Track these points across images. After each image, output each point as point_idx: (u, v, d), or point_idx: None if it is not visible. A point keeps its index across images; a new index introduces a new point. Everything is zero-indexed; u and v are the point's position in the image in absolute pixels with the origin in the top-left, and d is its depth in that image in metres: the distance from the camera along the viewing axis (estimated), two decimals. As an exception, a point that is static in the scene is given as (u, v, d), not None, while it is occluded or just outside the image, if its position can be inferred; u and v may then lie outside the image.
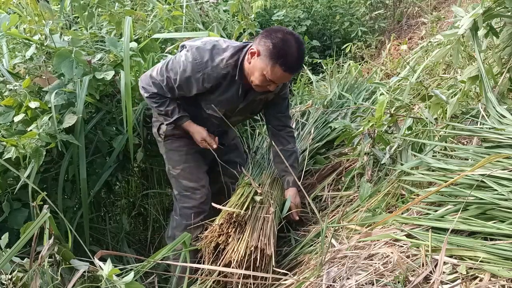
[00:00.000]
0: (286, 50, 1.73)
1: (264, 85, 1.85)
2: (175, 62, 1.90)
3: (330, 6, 5.16)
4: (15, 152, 1.82)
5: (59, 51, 2.02)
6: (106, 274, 1.14)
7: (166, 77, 1.91)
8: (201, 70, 1.84)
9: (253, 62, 1.82)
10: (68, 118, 1.97)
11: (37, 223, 1.17)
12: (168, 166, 2.12)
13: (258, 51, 1.78)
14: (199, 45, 1.88)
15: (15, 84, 1.93)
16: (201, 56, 1.84)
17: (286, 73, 1.78)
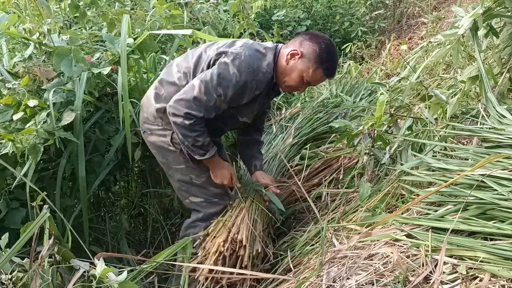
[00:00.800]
0: (331, 56, 1.83)
1: (298, 86, 1.87)
2: (223, 76, 1.75)
3: (330, 6, 5.17)
4: (12, 147, 1.80)
5: (58, 50, 2.02)
6: (99, 273, 1.14)
7: (216, 96, 1.76)
8: (254, 78, 1.77)
9: (292, 63, 1.82)
10: (66, 116, 1.96)
11: (36, 223, 1.17)
12: (190, 176, 1.95)
13: (301, 53, 1.81)
14: (244, 51, 1.78)
15: (14, 83, 1.93)
16: (252, 63, 1.76)
17: (325, 77, 1.88)
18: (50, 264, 1.22)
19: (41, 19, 2.35)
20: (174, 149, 1.93)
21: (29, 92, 1.94)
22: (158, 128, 1.94)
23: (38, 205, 1.27)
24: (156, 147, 1.98)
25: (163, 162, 2.00)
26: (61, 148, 1.95)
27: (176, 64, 1.94)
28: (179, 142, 1.88)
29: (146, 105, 1.98)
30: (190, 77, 1.87)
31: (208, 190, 1.98)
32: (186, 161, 1.93)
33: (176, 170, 1.97)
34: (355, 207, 1.88)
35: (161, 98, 1.90)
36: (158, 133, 1.94)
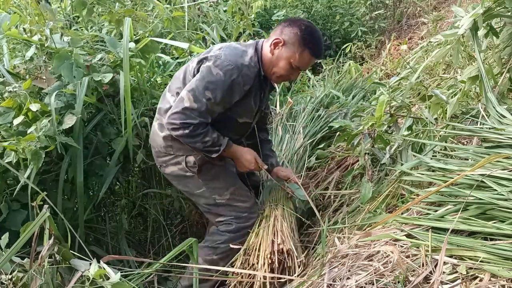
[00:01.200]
0: (313, 35, 1.82)
1: (288, 74, 1.87)
2: (207, 79, 1.76)
3: (330, 6, 5.17)
4: (15, 157, 1.81)
5: (58, 53, 2.02)
6: (92, 274, 1.14)
7: (206, 100, 1.76)
8: (239, 73, 1.77)
9: (277, 52, 1.83)
10: (67, 119, 1.96)
11: (36, 223, 1.17)
12: (214, 197, 1.93)
13: (284, 40, 1.81)
14: (223, 52, 1.79)
15: (15, 86, 1.93)
16: (233, 60, 1.77)
17: (313, 58, 1.86)
18: (50, 264, 1.22)
19: (41, 19, 2.35)
20: (191, 174, 1.92)
21: (30, 95, 1.94)
22: (171, 157, 1.93)
23: (38, 205, 1.28)
24: (175, 177, 1.97)
25: (186, 191, 1.99)
26: (63, 153, 1.96)
27: (168, 90, 1.96)
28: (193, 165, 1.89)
29: (153, 139, 1.99)
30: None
31: (235, 207, 1.94)
32: (206, 183, 1.92)
33: (199, 195, 1.95)
34: (356, 207, 1.89)
35: (164, 127, 1.90)
36: (173, 162, 1.94)
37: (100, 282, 1.14)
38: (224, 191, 1.93)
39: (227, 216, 1.94)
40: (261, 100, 2.00)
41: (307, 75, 3.82)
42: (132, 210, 2.75)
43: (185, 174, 1.93)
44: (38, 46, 2.10)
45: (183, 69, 1.95)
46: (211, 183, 1.93)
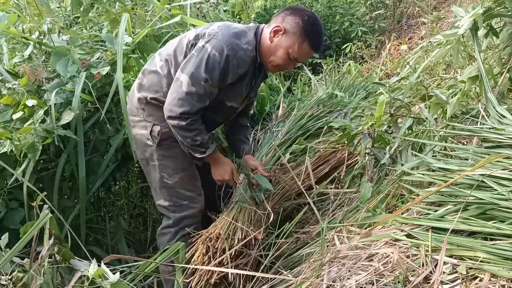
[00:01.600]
0: (315, 27, 1.78)
1: (285, 64, 1.83)
2: (204, 60, 1.70)
3: (330, 6, 5.16)
4: (10, 146, 1.80)
5: (56, 50, 2.02)
6: (91, 274, 1.14)
7: (204, 82, 1.71)
8: (235, 55, 1.72)
9: (276, 40, 1.78)
10: (65, 115, 1.96)
11: (38, 224, 1.17)
12: (162, 174, 1.90)
13: (284, 29, 1.77)
14: (221, 31, 1.74)
15: (13, 83, 1.93)
16: (229, 41, 1.72)
17: (312, 51, 1.83)
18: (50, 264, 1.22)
19: (40, 18, 2.35)
20: (151, 144, 1.89)
21: (28, 92, 1.94)
22: (140, 119, 1.91)
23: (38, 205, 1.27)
24: (137, 141, 1.95)
25: (141, 158, 1.96)
26: (60, 146, 1.95)
27: (159, 53, 1.92)
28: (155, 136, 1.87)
29: (130, 97, 1.97)
30: (171, 64, 1.83)
31: (178, 193, 1.92)
32: (161, 159, 1.90)
33: (151, 167, 1.92)
34: (356, 207, 1.89)
35: (143, 88, 1.88)
36: (140, 125, 1.91)
37: (99, 282, 1.14)
38: (175, 173, 1.90)
39: (167, 201, 1.92)
40: (252, 87, 1.96)
41: (307, 75, 3.82)
42: (132, 210, 2.75)
43: (146, 142, 1.90)
44: (37, 45, 2.10)
45: (178, 39, 1.90)
46: (166, 160, 1.90)
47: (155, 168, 1.91)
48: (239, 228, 1.77)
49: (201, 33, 1.79)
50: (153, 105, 1.86)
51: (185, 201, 1.93)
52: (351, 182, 2.14)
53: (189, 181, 1.95)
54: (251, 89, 1.96)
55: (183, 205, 1.93)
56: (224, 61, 1.71)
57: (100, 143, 2.25)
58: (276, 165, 2.30)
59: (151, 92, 1.86)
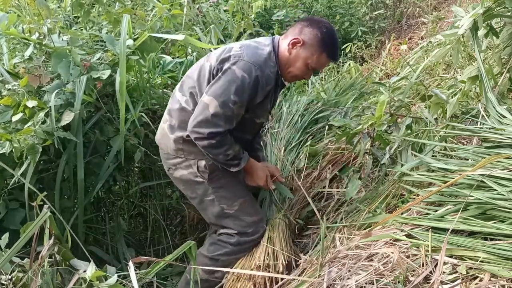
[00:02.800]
0: (333, 39, 1.82)
1: (303, 74, 1.85)
2: (233, 83, 1.69)
3: (330, 6, 5.16)
4: (9, 147, 1.79)
5: (57, 52, 2.02)
6: (89, 276, 1.14)
7: (232, 105, 1.70)
8: (263, 74, 1.73)
9: (295, 52, 1.80)
10: (65, 116, 1.95)
11: (37, 223, 1.17)
12: (222, 206, 1.86)
13: (303, 41, 1.78)
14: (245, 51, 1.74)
15: (13, 84, 1.93)
16: (256, 61, 1.73)
17: (329, 61, 1.87)
18: (50, 264, 1.22)
19: (41, 19, 2.35)
20: (202, 180, 1.85)
21: (29, 93, 1.94)
22: (182, 160, 1.86)
23: (38, 205, 1.28)
24: (184, 182, 1.90)
25: (194, 197, 1.92)
26: (60, 148, 1.95)
27: (178, 89, 1.90)
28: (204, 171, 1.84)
29: (162, 141, 1.93)
30: (197, 96, 1.81)
31: (241, 220, 1.87)
32: (215, 191, 1.86)
33: (208, 203, 1.88)
34: (356, 207, 1.89)
35: (175, 128, 1.85)
36: (183, 166, 1.87)
37: (97, 284, 1.14)
38: (233, 202, 1.87)
39: (232, 229, 1.87)
40: (274, 99, 1.97)
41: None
42: (132, 210, 2.75)
43: (195, 180, 1.86)
44: (37, 45, 2.10)
45: (197, 67, 1.87)
46: (221, 191, 1.87)
47: (212, 202, 1.87)
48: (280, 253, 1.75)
49: (225, 57, 1.77)
50: (191, 142, 1.81)
51: (250, 229, 1.86)
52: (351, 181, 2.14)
53: (249, 206, 1.91)
54: (274, 101, 1.98)
55: (249, 232, 1.87)
56: (254, 81, 1.71)
57: (100, 144, 2.25)
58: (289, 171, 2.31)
59: (184, 129, 1.81)
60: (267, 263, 1.73)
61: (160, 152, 1.98)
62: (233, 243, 1.86)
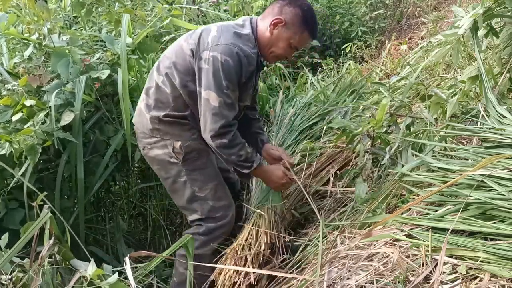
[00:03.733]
0: (314, 17, 1.82)
1: (285, 53, 1.84)
2: (219, 69, 1.69)
3: (330, 6, 5.16)
4: (9, 148, 1.80)
5: (57, 50, 2.02)
6: (90, 274, 1.14)
7: (226, 90, 1.70)
8: (244, 55, 1.71)
9: (276, 32, 1.78)
10: (65, 116, 1.96)
11: (37, 223, 1.17)
12: (193, 188, 1.87)
13: (285, 20, 1.77)
14: (223, 35, 1.72)
15: (13, 84, 1.93)
16: (234, 43, 1.71)
17: (310, 39, 1.86)
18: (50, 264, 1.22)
19: (40, 19, 2.35)
20: (176, 161, 1.86)
21: (28, 93, 1.94)
22: (157, 140, 1.87)
23: (38, 205, 1.28)
24: (158, 162, 1.90)
25: (166, 178, 1.92)
26: (60, 149, 1.95)
27: (155, 69, 1.89)
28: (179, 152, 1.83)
29: (139, 120, 1.93)
30: (173, 77, 1.80)
31: (210, 205, 1.89)
32: (189, 173, 1.87)
33: (180, 184, 1.89)
34: (356, 207, 1.88)
35: (151, 107, 1.85)
36: (158, 146, 1.87)
37: (98, 282, 1.14)
38: (205, 185, 1.88)
39: (201, 213, 1.89)
40: (255, 82, 1.95)
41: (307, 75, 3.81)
42: (132, 210, 2.75)
43: (170, 160, 1.86)
44: (37, 45, 2.10)
45: (174, 48, 1.85)
46: (194, 173, 1.87)
47: (184, 184, 1.88)
48: (263, 232, 1.76)
49: (204, 42, 1.75)
50: (167, 123, 1.84)
51: (219, 213, 1.89)
52: (352, 181, 2.14)
53: (220, 190, 1.93)
54: (256, 83, 1.96)
55: (217, 217, 1.89)
56: (237, 62, 1.71)
57: (100, 144, 2.25)
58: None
59: (160, 109, 1.83)
60: (249, 242, 1.75)
61: (136, 131, 1.98)
62: (202, 233, 1.88)
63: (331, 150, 2.34)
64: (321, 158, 2.32)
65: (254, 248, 1.72)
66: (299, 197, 2.21)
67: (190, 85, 1.79)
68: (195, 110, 1.82)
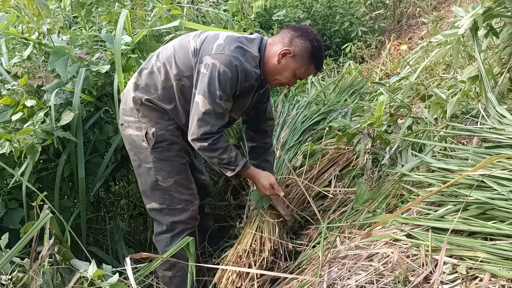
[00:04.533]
0: (321, 52, 1.85)
1: (289, 82, 1.88)
2: (215, 77, 1.71)
3: (330, 6, 5.16)
4: (9, 147, 1.80)
5: (56, 49, 2.02)
6: (91, 275, 1.14)
7: (219, 100, 1.72)
8: (243, 70, 1.74)
9: (284, 62, 1.81)
10: (65, 116, 1.96)
11: (38, 224, 1.17)
12: (157, 177, 1.88)
13: (294, 52, 1.80)
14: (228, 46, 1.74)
15: (13, 84, 1.93)
16: (237, 56, 1.74)
17: (315, 71, 1.90)
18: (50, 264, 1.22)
19: (40, 19, 2.35)
20: (146, 146, 1.87)
21: (28, 93, 1.94)
22: (134, 120, 1.88)
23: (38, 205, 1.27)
24: (131, 141, 1.92)
25: (134, 159, 1.94)
26: (59, 148, 1.95)
27: (157, 55, 1.90)
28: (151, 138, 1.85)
29: (125, 96, 1.94)
30: (169, 67, 1.81)
31: (172, 196, 1.91)
32: (156, 161, 1.88)
33: (144, 169, 1.90)
34: (356, 208, 1.89)
35: (138, 88, 1.86)
36: (134, 126, 1.89)
37: (98, 283, 1.14)
38: (169, 176, 1.89)
39: (160, 204, 1.91)
40: (252, 100, 1.96)
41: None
42: (132, 210, 2.75)
43: (141, 143, 1.88)
44: (36, 45, 2.10)
45: (178, 41, 1.87)
46: (161, 163, 1.88)
47: (149, 170, 1.90)
48: (267, 238, 1.78)
49: (208, 46, 1.77)
50: (147, 107, 1.85)
51: (180, 205, 1.92)
52: (351, 182, 2.14)
53: (184, 184, 1.94)
54: (251, 102, 1.97)
55: (177, 209, 1.91)
56: (235, 75, 1.73)
57: (100, 143, 2.25)
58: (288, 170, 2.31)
59: (146, 93, 1.84)
60: (254, 248, 1.77)
61: (120, 106, 1.99)
62: (165, 230, 1.91)
63: (332, 152, 2.35)
64: (323, 160, 2.33)
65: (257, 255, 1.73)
66: (301, 200, 2.22)
67: (184, 80, 1.81)
68: (181, 105, 1.84)
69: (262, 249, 1.77)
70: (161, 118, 1.86)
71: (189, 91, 1.80)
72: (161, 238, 1.95)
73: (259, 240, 1.81)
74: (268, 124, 2.14)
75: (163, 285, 1.96)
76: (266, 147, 2.16)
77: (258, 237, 1.82)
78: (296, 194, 2.21)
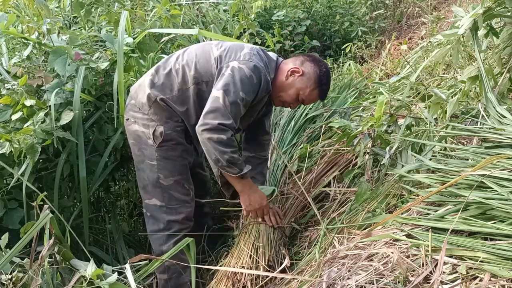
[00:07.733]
0: (328, 80, 1.95)
1: (290, 102, 1.94)
2: (242, 80, 1.74)
3: (330, 6, 5.16)
4: (9, 147, 1.80)
5: (55, 48, 2.03)
6: (89, 274, 1.14)
7: (240, 101, 1.74)
8: (266, 80, 1.81)
9: (291, 79, 1.89)
10: (65, 115, 1.96)
11: (38, 224, 1.17)
12: (159, 175, 1.91)
13: (302, 72, 1.88)
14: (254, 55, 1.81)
15: (13, 83, 1.93)
16: (262, 66, 1.81)
17: (318, 99, 2.00)
18: (50, 264, 1.22)
19: (40, 19, 2.34)
20: (152, 143, 1.89)
21: (28, 92, 1.94)
22: (143, 117, 1.89)
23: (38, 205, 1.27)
24: (136, 137, 1.93)
25: (137, 155, 1.95)
26: (59, 148, 1.95)
27: (177, 56, 1.91)
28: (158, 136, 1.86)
29: (137, 91, 1.94)
30: (189, 70, 1.84)
31: (171, 195, 1.93)
32: (160, 159, 1.90)
33: (147, 165, 1.92)
34: (356, 208, 1.88)
35: (155, 85, 1.87)
36: (142, 123, 1.90)
37: (98, 282, 1.14)
38: (171, 175, 1.92)
39: (159, 201, 1.93)
40: (259, 112, 2.01)
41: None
42: (132, 210, 2.75)
43: (147, 141, 1.89)
44: (36, 45, 2.10)
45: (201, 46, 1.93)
46: (164, 161, 1.90)
47: (152, 167, 1.91)
48: (262, 253, 1.78)
49: (234, 54, 1.82)
50: (160, 106, 1.87)
51: (177, 205, 1.94)
52: (351, 182, 2.14)
53: (183, 185, 1.96)
54: (257, 114, 2.02)
55: (174, 208, 1.94)
56: (258, 83, 1.78)
57: (100, 143, 2.25)
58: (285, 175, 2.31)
59: (161, 92, 1.86)
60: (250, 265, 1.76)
61: (127, 100, 2.00)
62: (162, 229, 1.94)
63: (331, 154, 2.34)
64: (321, 162, 2.33)
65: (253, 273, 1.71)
66: (300, 206, 2.21)
67: (203, 85, 1.85)
68: (195, 109, 1.86)
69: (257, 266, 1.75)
70: (171, 118, 1.89)
71: (206, 95, 1.81)
72: (157, 236, 1.97)
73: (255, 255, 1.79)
74: (265, 138, 2.19)
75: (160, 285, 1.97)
76: (262, 159, 2.18)
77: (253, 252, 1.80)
78: (296, 199, 2.19)
